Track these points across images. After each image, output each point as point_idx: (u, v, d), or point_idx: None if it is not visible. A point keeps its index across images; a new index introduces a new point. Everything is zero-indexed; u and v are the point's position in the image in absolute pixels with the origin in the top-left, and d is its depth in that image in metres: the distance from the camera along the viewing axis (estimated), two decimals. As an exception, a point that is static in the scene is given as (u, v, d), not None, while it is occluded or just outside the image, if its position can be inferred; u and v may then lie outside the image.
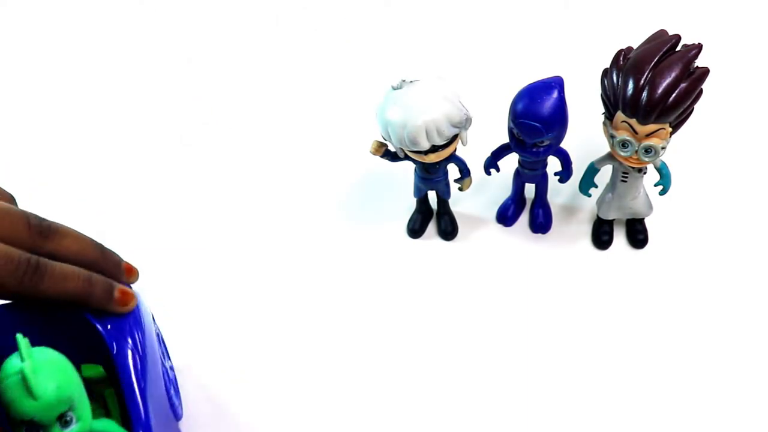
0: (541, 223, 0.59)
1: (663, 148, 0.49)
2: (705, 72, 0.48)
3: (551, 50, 0.73)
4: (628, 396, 0.51)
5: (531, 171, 0.57)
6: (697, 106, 0.49)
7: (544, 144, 0.52)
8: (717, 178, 0.62)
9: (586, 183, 0.56)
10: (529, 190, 0.59)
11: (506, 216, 0.60)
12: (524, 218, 0.60)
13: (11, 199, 0.42)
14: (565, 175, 0.56)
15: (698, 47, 0.48)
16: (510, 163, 0.57)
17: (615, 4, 0.76)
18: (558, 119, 0.51)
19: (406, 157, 0.53)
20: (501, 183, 0.60)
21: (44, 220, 0.40)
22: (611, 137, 0.50)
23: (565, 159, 0.55)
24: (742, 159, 0.63)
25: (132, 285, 0.44)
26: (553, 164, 0.56)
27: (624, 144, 0.49)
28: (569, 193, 0.61)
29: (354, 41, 0.76)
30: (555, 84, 0.51)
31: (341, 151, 0.65)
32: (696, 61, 0.48)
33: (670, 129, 0.48)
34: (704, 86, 0.48)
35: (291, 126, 0.69)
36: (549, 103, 0.50)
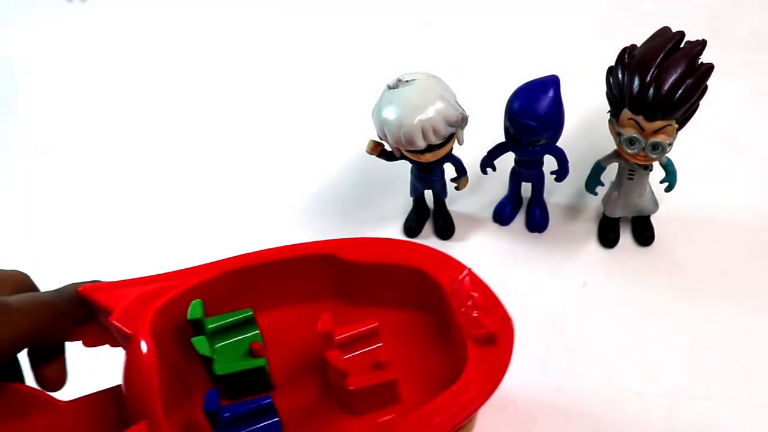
0: (538, 222, 0.59)
1: (670, 144, 0.49)
2: (710, 68, 0.48)
3: (549, 49, 0.73)
4: (633, 395, 0.50)
5: (527, 170, 0.57)
6: (701, 102, 0.49)
7: (540, 143, 0.52)
8: (722, 174, 0.62)
9: (593, 181, 0.56)
10: (526, 189, 0.59)
11: (503, 215, 0.60)
12: (521, 217, 0.60)
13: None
14: (561, 173, 0.56)
15: (702, 43, 0.48)
16: (506, 162, 0.57)
17: (615, 3, 0.77)
18: (554, 118, 0.51)
19: (403, 157, 0.53)
20: (497, 182, 0.60)
21: None
22: (618, 135, 0.50)
23: (561, 158, 0.55)
24: (747, 154, 0.63)
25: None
26: (550, 163, 0.56)
27: (631, 141, 0.49)
28: (574, 192, 0.61)
29: (352, 41, 0.76)
30: (551, 83, 0.51)
31: (338, 151, 0.65)
32: (700, 57, 0.48)
33: (677, 125, 0.48)
34: (708, 82, 0.48)
35: (287, 126, 0.69)
36: (545, 101, 0.50)
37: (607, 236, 0.58)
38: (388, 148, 0.53)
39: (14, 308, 0.35)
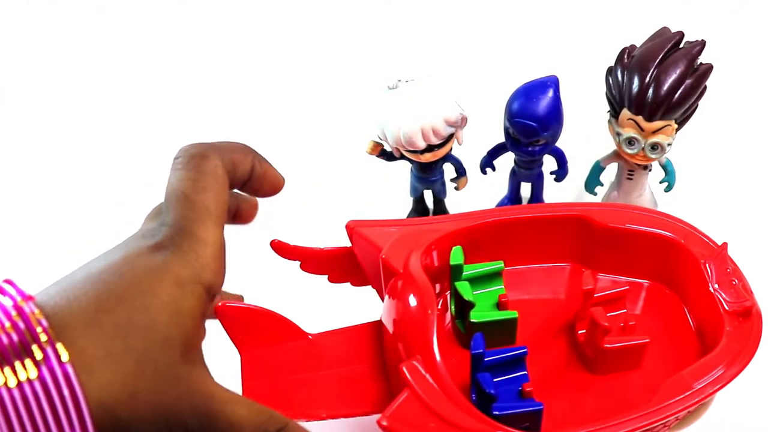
0: (537, 222, 0.59)
1: (669, 144, 0.49)
2: (709, 68, 0.48)
3: (548, 50, 0.73)
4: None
5: (527, 170, 0.56)
6: (700, 103, 0.49)
7: (540, 143, 0.52)
8: (721, 173, 0.62)
9: (592, 181, 0.56)
10: (526, 189, 0.59)
11: (503, 215, 0.60)
12: (520, 217, 0.60)
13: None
14: (560, 174, 0.56)
15: (701, 44, 0.48)
16: (506, 162, 0.57)
17: (613, 2, 0.77)
18: (553, 118, 0.51)
19: (403, 157, 0.53)
20: (497, 182, 0.60)
21: None
22: (617, 135, 0.50)
23: (560, 158, 0.55)
24: (746, 154, 0.63)
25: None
26: (550, 163, 0.56)
27: (630, 141, 0.49)
28: (573, 192, 0.61)
29: (351, 41, 0.76)
30: (550, 83, 0.51)
31: (338, 151, 0.65)
32: (700, 57, 0.48)
33: (676, 125, 0.48)
34: (707, 83, 0.48)
35: (287, 126, 0.69)
36: (544, 102, 0.50)
37: (607, 236, 0.58)
38: (387, 148, 0.53)
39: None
